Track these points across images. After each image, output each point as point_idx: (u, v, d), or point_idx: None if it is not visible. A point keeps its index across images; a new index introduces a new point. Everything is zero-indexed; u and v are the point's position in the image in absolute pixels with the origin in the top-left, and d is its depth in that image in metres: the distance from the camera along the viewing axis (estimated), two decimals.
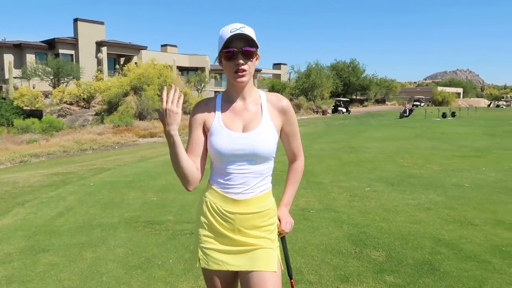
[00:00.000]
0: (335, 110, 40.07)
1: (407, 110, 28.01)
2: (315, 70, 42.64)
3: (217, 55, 1.63)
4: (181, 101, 1.50)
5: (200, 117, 1.65)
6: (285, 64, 53.53)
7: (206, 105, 1.68)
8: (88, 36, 33.92)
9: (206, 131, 1.66)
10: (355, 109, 44.97)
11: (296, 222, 4.44)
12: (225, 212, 1.60)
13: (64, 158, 13.14)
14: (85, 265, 3.38)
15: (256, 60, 1.61)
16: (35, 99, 25.60)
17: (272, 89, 37.69)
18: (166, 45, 43.13)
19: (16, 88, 27.25)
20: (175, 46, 43.65)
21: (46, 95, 27.56)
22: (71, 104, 28.07)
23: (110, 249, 3.73)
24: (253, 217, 1.61)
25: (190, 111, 1.82)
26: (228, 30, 1.53)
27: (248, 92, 1.67)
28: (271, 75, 53.07)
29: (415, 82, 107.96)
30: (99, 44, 34.37)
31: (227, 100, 1.68)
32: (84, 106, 27.99)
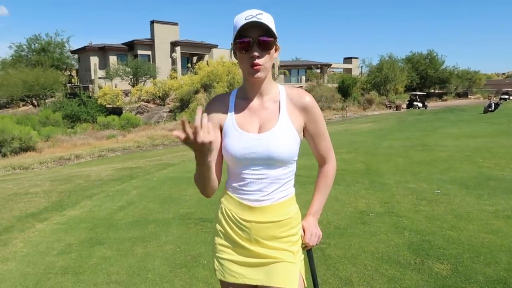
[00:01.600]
0: (410, 105, 37.76)
1: (493, 104, 25.39)
2: (388, 63, 40.52)
3: (231, 46, 1.45)
4: (206, 129, 1.14)
5: (214, 117, 1.49)
6: (356, 58, 51.65)
7: (220, 103, 1.53)
8: (163, 37, 35.72)
9: (221, 132, 1.51)
10: (432, 104, 42.02)
11: (353, 226, 4.17)
12: (240, 220, 1.45)
13: (137, 153, 13.94)
14: (134, 260, 3.45)
15: (276, 52, 1.43)
16: (116, 97, 27.61)
17: (342, 83, 36.55)
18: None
19: (100, 88, 29.62)
20: None
21: (126, 93, 29.59)
22: (148, 101, 29.84)
23: (160, 245, 3.78)
24: (271, 227, 1.44)
25: None
26: (243, 18, 1.36)
27: (266, 88, 1.48)
28: (341, 70, 51.64)
29: (503, 74, 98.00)
30: (173, 44, 36.02)
31: (243, 97, 1.51)
32: (160, 103, 29.57)
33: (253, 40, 1.36)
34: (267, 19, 1.37)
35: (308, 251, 1.61)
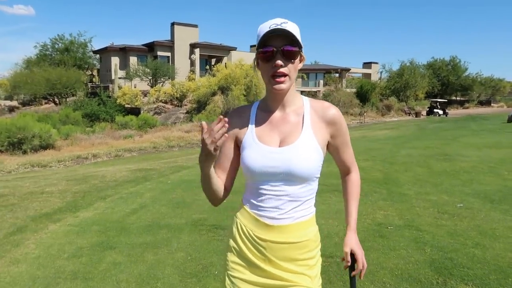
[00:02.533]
0: (430, 112, 37.05)
1: None
2: (408, 69, 39.85)
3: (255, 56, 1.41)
4: (223, 139, 1.23)
5: (233, 129, 1.45)
6: (376, 63, 51.00)
7: (240, 116, 1.47)
8: (183, 38, 35.99)
9: (238, 145, 1.45)
10: (453, 111, 41.15)
11: (370, 239, 4.00)
12: (256, 238, 1.37)
13: (153, 154, 13.97)
14: (144, 268, 3.37)
15: (301, 62, 1.36)
16: (135, 97, 27.86)
17: (361, 89, 36.07)
18: (255, 45, 43.75)
19: (120, 88, 29.98)
20: None
21: (145, 94, 29.84)
22: (165, 102, 30.03)
23: (171, 252, 3.70)
24: (288, 248, 1.35)
25: None
26: (267, 26, 1.30)
27: (289, 100, 1.41)
28: (360, 75, 51.07)
29: None
30: (193, 46, 36.25)
31: (264, 109, 1.45)
32: (177, 104, 29.73)
33: (276, 49, 1.30)
34: (292, 27, 1.31)
35: (351, 279, 1.49)
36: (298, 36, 1.32)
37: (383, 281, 3.07)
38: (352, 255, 1.45)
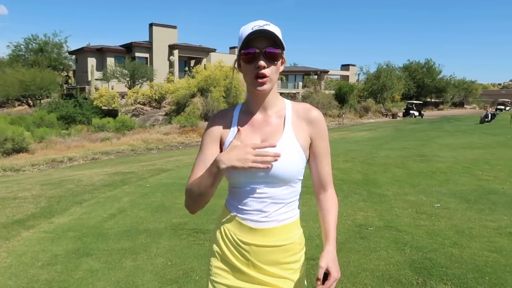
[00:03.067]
0: (406, 114, 37.89)
1: (489, 115, 25.49)
2: (385, 71, 40.62)
3: (236, 58, 1.41)
4: (262, 166, 1.21)
5: (216, 131, 1.41)
6: (354, 65, 51.76)
7: (223, 118, 1.45)
8: (162, 39, 35.57)
9: (222, 148, 1.42)
10: (429, 113, 42.19)
11: (351, 240, 4.02)
12: (239, 242, 1.34)
13: (131, 157, 13.72)
14: (123, 275, 3.28)
15: (282, 64, 1.36)
16: (112, 99, 27.35)
17: (339, 90, 36.50)
18: (234, 47, 43.92)
19: (97, 89, 29.37)
20: None
21: (123, 95, 29.34)
22: (144, 104, 29.60)
23: (150, 258, 3.62)
24: (272, 251, 1.33)
25: None
26: (249, 28, 1.29)
27: (271, 102, 1.39)
28: (338, 77, 51.69)
29: (499, 84, 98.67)
30: (172, 47, 35.88)
31: (246, 111, 1.43)
32: (156, 106, 29.35)
33: (259, 50, 1.28)
34: (274, 29, 1.30)
35: None
36: (281, 38, 1.31)
37: (365, 283, 3.08)
38: (326, 274, 1.26)
